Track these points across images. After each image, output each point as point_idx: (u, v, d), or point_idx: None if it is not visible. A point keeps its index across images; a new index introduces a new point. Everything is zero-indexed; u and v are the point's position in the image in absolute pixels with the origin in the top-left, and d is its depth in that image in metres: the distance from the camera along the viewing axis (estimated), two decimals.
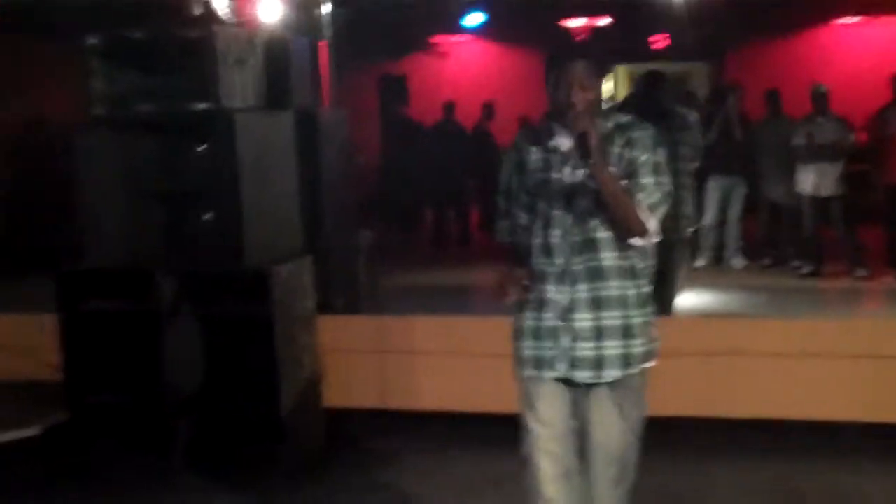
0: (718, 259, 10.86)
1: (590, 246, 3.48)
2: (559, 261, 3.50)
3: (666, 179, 3.52)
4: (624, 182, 3.44)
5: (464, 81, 15.93)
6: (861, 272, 9.70)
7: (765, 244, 10.81)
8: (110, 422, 5.59)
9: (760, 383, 5.69)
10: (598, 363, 3.49)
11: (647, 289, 3.57)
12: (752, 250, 10.77)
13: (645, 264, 3.58)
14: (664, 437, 5.49)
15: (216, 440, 5.50)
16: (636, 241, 3.49)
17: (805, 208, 9.90)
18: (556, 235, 3.51)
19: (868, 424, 5.48)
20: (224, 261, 5.37)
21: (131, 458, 5.48)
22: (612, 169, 3.43)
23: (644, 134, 3.53)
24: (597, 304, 3.48)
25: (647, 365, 3.59)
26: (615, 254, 3.49)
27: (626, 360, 3.51)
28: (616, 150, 3.49)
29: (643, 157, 3.47)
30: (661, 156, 3.53)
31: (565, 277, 3.49)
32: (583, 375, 3.51)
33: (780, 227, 10.62)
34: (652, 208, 3.46)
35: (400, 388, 5.98)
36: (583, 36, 15.64)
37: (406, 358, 5.94)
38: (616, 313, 3.49)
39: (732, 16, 14.23)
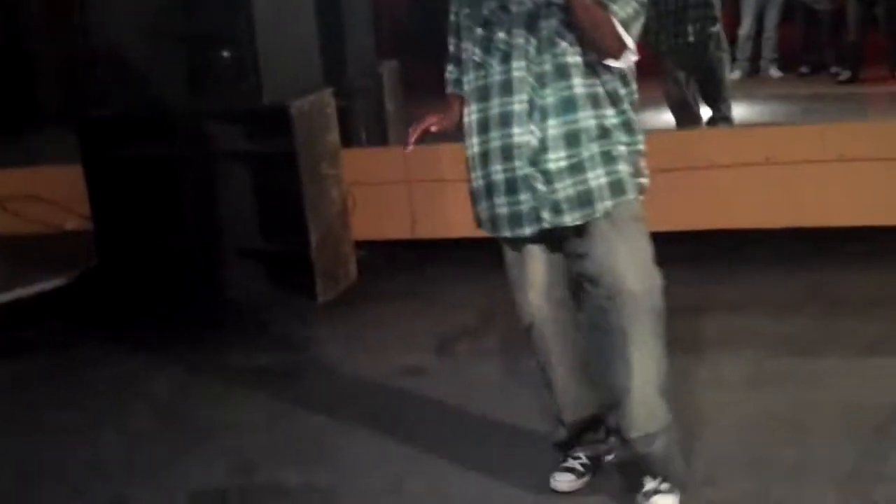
0: (755, 70, 10.63)
1: (560, 73, 3.03)
2: (523, 97, 3.04)
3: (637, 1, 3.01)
4: None
5: None
6: None
7: (802, 51, 10.54)
8: (141, 267, 5.65)
9: (796, 191, 5.59)
10: (586, 198, 3.04)
11: (632, 115, 3.13)
12: (788, 58, 10.52)
13: (627, 89, 3.12)
14: (702, 248, 5.51)
15: (247, 276, 5.56)
16: (614, 63, 3.03)
17: (851, 9, 9.58)
18: (519, 68, 3.04)
19: None
20: (245, 99, 5.30)
21: (163, 299, 5.56)
22: None
23: None
24: (573, 139, 3.04)
25: (639, 196, 3.17)
26: (588, 80, 3.05)
27: (618, 186, 3.07)
28: None
29: None
30: None
31: (532, 114, 3.04)
32: (571, 217, 3.05)
33: (817, 34, 10.33)
34: (627, 22, 2.97)
35: (429, 217, 5.95)
36: None
37: (435, 186, 5.89)
38: (595, 145, 3.05)
39: None
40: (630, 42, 3.00)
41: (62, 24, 11.77)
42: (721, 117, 7.04)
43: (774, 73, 10.53)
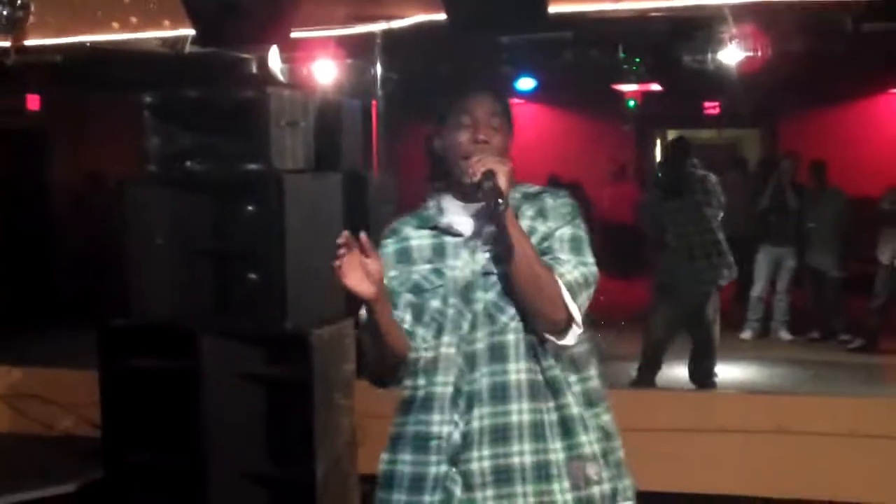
0: (765, 331, 10.75)
1: (492, 355, 2.61)
2: (449, 378, 2.63)
3: (589, 258, 2.69)
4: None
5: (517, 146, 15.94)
6: None
7: (812, 316, 10.69)
8: (147, 480, 5.60)
9: (807, 463, 5.57)
10: None
11: (577, 410, 2.64)
12: (798, 322, 10.65)
13: (577, 376, 2.69)
14: None
15: (252, 501, 5.49)
16: (559, 339, 2.61)
17: (880, 277, 9.76)
18: (449, 344, 2.64)
19: None
20: (267, 322, 5.37)
21: None
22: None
23: (560, 202, 2.77)
24: (501, 435, 2.57)
25: None
26: (527, 364, 2.62)
27: None
28: (525, 223, 2.69)
29: (560, 231, 2.70)
30: (581, 229, 2.72)
31: (457, 401, 2.61)
32: None
33: (828, 300, 10.49)
34: (573, 287, 2.60)
35: None
36: (632, 100, 15.68)
37: None
38: (527, 447, 2.57)
39: (784, 84, 14.17)
40: (576, 313, 2.61)
41: (95, 226, 12.11)
42: (704, 375, 7.13)
43: (784, 335, 10.65)
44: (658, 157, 17.26)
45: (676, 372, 7.97)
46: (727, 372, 9.10)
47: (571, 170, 13.43)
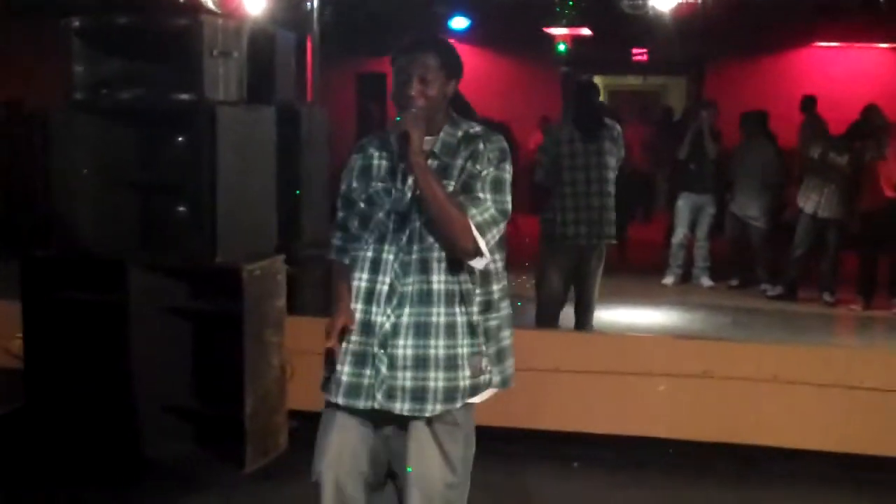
0: (686, 277, 10.89)
1: (422, 266, 3.22)
2: (387, 279, 3.23)
3: (505, 199, 3.26)
4: (460, 197, 3.20)
5: None
6: (828, 297, 9.79)
7: (732, 264, 10.85)
8: (70, 413, 5.50)
9: (730, 408, 5.67)
10: (419, 395, 3.20)
11: (477, 317, 3.30)
12: (718, 270, 10.80)
13: (482, 290, 3.34)
14: (632, 456, 5.53)
15: (176, 436, 5.44)
16: (472, 263, 3.23)
17: (802, 226, 9.88)
18: (389, 251, 3.24)
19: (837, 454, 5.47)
20: (197, 255, 5.28)
21: (90, 450, 5.39)
22: (449, 183, 3.22)
23: (492, 147, 3.28)
24: (422, 330, 3.21)
25: (474, 400, 3.31)
26: (447, 277, 3.24)
27: (451, 394, 3.23)
28: (459, 162, 3.27)
29: (484, 172, 3.23)
30: (505, 172, 3.28)
31: (392, 298, 3.22)
32: (401, 407, 3.20)
33: (749, 248, 10.65)
34: (482, 227, 3.19)
35: None
36: (563, 43, 15.67)
37: None
38: (442, 342, 3.22)
39: (714, 32, 14.28)
40: (483, 246, 3.20)
41: (14, 155, 11.80)
42: (585, 325, 7.06)
43: (706, 282, 10.79)
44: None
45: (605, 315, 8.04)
46: (650, 317, 9.24)
47: (501, 111, 13.38)
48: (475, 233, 3.16)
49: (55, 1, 7.13)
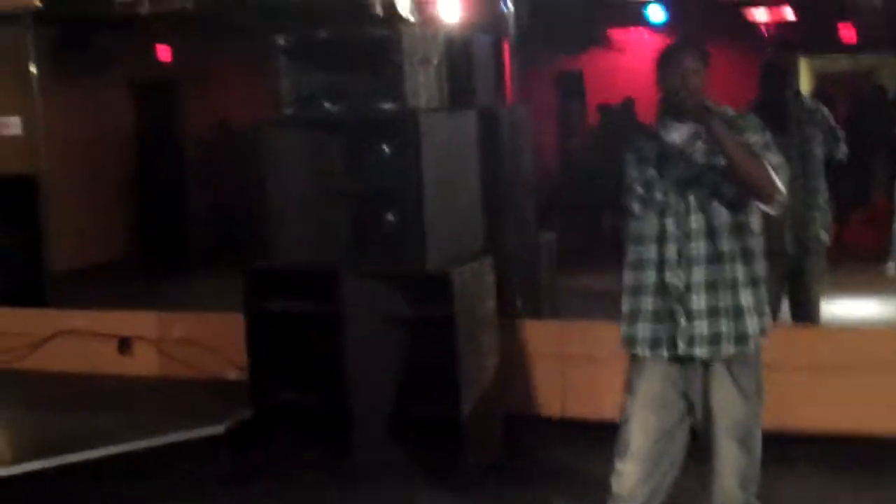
0: None
1: (705, 232, 3.70)
2: (674, 247, 3.71)
3: (781, 157, 3.72)
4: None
5: (643, 76, 15.63)
6: None
7: None
8: (293, 420, 5.67)
9: None
10: (715, 340, 3.68)
11: (759, 269, 3.75)
12: None
13: (760, 246, 3.77)
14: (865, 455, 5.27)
15: (397, 441, 5.51)
16: (770, 208, 3.68)
17: None
18: (671, 224, 3.72)
19: None
20: (407, 262, 5.34)
21: (313, 458, 5.54)
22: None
23: (751, 120, 3.79)
24: (712, 286, 3.68)
25: (760, 340, 3.75)
26: (730, 239, 3.69)
27: (741, 337, 3.70)
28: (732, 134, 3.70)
29: (755, 138, 3.69)
30: (770, 138, 3.74)
31: (681, 262, 3.71)
32: (700, 352, 3.69)
33: None
34: (777, 168, 3.64)
35: (580, 395, 5.84)
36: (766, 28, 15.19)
37: (588, 364, 5.80)
38: (729, 293, 3.68)
39: None
40: (782, 187, 3.64)
41: (226, 173, 12.32)
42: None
43: None
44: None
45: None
46: (870, 308, 8.81)
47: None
48: (773, 175, 3.61)
49: (258, 23, 7.40)
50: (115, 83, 12.93)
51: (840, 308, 8.54)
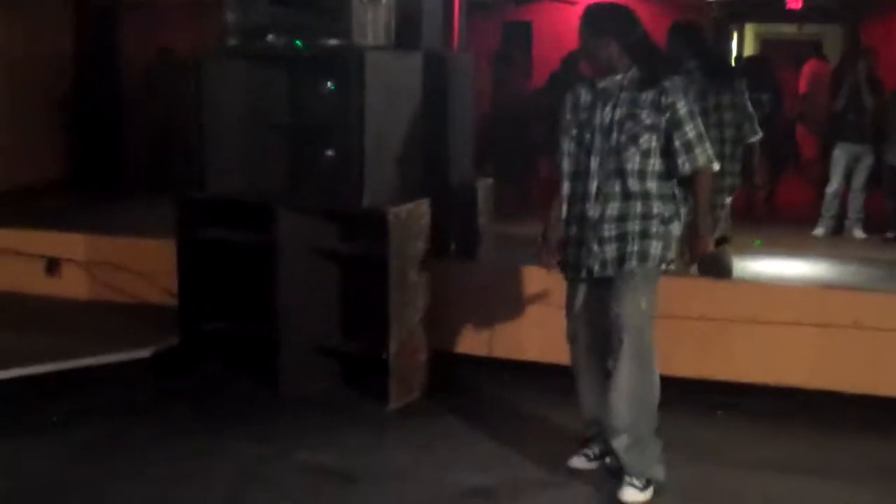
0: (839, 229, 10.58)
1: (620, 173, 4.22)
2: (594, 183, 4.25)
3: (700, 121, 4.25)
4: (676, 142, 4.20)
5: None
6: None
7: (888, 216, 10.48)
8: (220, 349, 5.70)
9: (882, 359, 5.52)
10: (621, 260, 4.25)
11: (667, 209, 4.25)
12: (874, 222, 10.45)
13: (670, 189, 4.28)
14: (779, 405, 5.44)
15: (323, 375, 5.58)
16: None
17: None
18: (595, 162, 4.25)
19: None
20: (343, 198, 5.38)
21: (238, 387, 5.59)
22: (646, 118, 4.20)
23: (675, 83, 4.25)
24: (622, 217, 4.23)
25: (662, 265, 4.29)
26: (639, 180, 4.21)
27: (643, 256, 4.24)
28: (649, 96, 4.21)
29: (679, 104, 4.18)
30: (692, 103, 4.27)
31: (598, 197, 4.25)
32: (610, 271, 4.26)
33: None
34: (697, 144, 4.21)
35: (507, 337, 5.94)
36: None
37: (515, 307, 5.90)
38: (637, 223, 4.22)
39: None
40: (705, 159, 4.25)
41: (164, 101, 12.16)
42: None
43: (858, 233, 10.47)
44: (734, 52, 16.90)
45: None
46: (800, 268, 9.00)
47: None
48: (702, 160, 4.26)
49: None
50: (57, 3, 12.68)
51: (767, 266, 8.74)
